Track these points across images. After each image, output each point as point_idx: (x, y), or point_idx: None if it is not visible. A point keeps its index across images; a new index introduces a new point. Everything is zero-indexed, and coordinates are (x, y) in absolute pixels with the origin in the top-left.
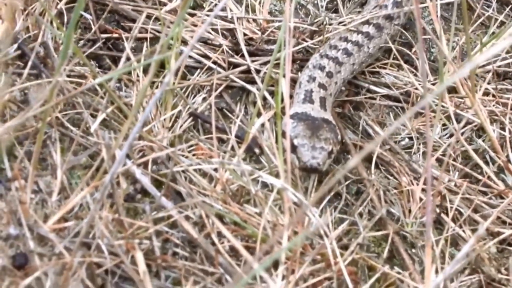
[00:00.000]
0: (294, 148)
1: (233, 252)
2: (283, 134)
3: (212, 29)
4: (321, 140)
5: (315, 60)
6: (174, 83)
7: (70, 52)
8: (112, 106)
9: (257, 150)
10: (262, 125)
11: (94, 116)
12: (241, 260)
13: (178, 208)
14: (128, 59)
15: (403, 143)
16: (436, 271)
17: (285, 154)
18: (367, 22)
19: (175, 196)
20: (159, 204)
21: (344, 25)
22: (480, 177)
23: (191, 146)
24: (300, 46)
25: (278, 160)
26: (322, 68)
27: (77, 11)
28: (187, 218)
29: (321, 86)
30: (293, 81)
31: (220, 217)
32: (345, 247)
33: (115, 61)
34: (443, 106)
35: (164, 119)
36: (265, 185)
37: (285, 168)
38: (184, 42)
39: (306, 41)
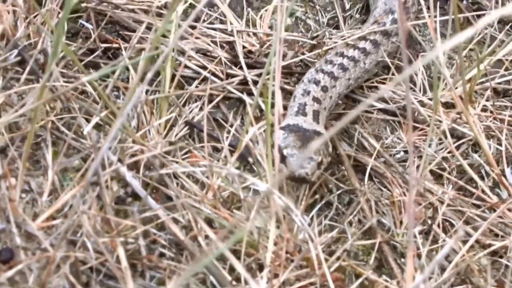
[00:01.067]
0: (283, 158)
1: (221, 256)
2: (274, 145)
3: (212, 41)
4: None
5: (311, 75)
6: (169, 91)
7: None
8: (106, 111)
9: (250, 159)
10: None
11: (89, 121)
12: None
13: (166, 210)
14: (127, 68)
15: (398, 156)
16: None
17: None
18: (364, 38)
19: (166, 200)
20: (147, 205)
21: (343, 40)
22: (474, 190)
23: (185, 153)
24: (297, 59)
25: (266, 167)
26: (317, 82)
27: (68, 6)
28: (176, 221)
29: (315, 100)
30: (291, 94)
31: (209, 222)
32: (333, 254)
33: (115, 71)
34: (439, 121)
35: (159, 124)
36: (257, 193)
37: (274, 174)
38: (184, 53)
39: (305, 54)
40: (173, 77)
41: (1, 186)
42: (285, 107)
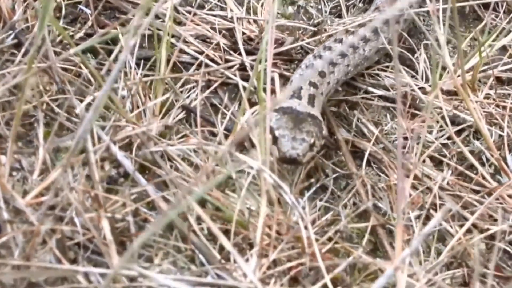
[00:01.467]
0: (275, 140)
1: (211, 236)
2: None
3: (212, 28)
4: (303, 132)
5: (308, 61)
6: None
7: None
8: (101, 91)
9: (246, 144)
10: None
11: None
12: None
13: (157, 190)
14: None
15: (397, 142)
16: (420, 263)
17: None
18: (364, 25)
19: (159, 183)
20: (138, 185)
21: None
22: (475, 176)
23: (181, 137)
24: (296, 44)
25: (258, 147)
26: (314, 68)
27: None
28: (167, 201)
29: (312, 84)
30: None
31: (202, 203)
32: (328, 238)
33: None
34: (440, 108)
35: (155, 106)
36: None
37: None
38: (185, 41)
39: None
40: (173, 63)
41: None
42: None
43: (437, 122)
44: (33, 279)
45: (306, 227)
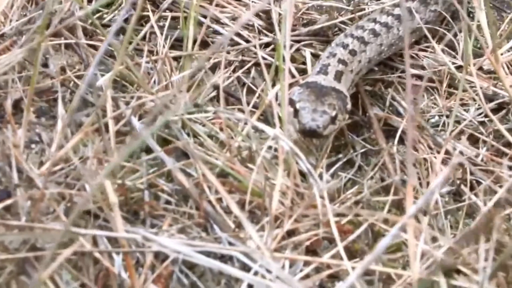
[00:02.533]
0: (296, 112)
1: (229, 209)
2: (289, 102)
3: (247, 9)
4: (325, 105)
5: (339, 40)
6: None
7: None
8: (122, 66)
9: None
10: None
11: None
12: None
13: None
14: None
15: (432, 120)
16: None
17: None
18: (399, 5)
19: (180, 155)
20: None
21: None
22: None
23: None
24: (331, 23)
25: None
26: (345, 46)
27: None
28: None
29: (341, 61)
30: None
31: (223, 177)
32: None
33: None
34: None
35: (182, 81)
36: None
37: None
38: (217, 21)
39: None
40: (204, 42)
41: (8, 135)
42: None
43: (474, 100)
44: (37, 244)
45: (322, 197)
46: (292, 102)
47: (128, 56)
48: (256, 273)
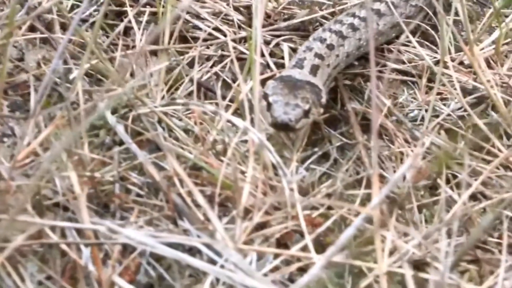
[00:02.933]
0: (269, 106)
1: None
2: (263, 95)
3: (227, 4)
4: (298, 98)
5: (317, 34)
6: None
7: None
8: (96, 60)
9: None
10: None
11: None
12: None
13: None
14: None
15: (411, 114)
16: None
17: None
18: (379, 0)
19: (154, 148)
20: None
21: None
22: (492, 150)
23: (188, 110)
24: (310, 17)
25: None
26: (322, 40)
27: None
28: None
29: (318, 55)
30: None
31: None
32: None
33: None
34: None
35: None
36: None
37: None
38: (198, 16)
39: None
40: (184, 38)
41: None
42: None
43: (454, 94)
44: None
45: (292, 189)
46: (265, 96)
47: (103, 50)
48: (222, 266)
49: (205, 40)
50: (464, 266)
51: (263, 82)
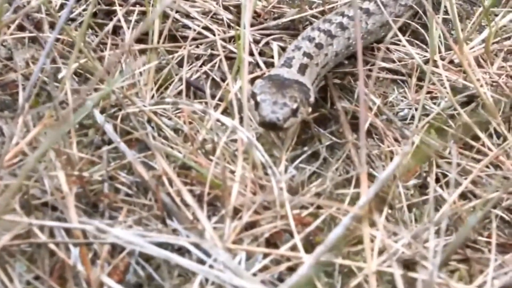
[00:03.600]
0: (257, 105)
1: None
2: (251, 94)
3: (217, 3)
4: (286, 97)
5: (306, 33)
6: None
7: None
8: (84, 59)
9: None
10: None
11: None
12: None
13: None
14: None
15: (401, 113)
16: None
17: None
18: None
19: (144, 148)
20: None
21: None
22: (482, 148)
23: (178, 109)
24: (299, 16)
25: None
26: (311, 39)
27: None
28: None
29: (306, 54)
30: None
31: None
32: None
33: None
34: (448, 80)
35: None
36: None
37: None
38: (187, 15)
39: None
40: (174, 37)
41: None
42: None
43: (443, 93)
44: None
45: (281, 188)
46: (253, 95)
47: (92, 49)
48: (211, 266)
49: (194, 39)
50: (454, 265)
51: (253, 81)
